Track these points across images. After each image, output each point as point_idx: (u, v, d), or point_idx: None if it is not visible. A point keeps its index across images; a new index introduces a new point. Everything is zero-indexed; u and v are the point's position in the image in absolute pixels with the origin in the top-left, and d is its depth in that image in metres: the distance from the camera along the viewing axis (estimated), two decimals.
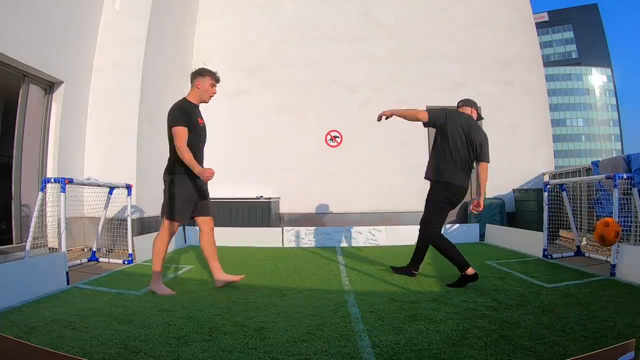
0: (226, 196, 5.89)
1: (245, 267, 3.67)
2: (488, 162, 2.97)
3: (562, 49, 62.83)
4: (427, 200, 3.05)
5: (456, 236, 5.23)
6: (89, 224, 4.74)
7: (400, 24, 6.58)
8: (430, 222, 3.00)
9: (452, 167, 2.88)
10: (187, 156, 2.58)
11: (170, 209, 2.69)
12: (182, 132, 2.63)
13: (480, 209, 2.93)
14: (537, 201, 5.28)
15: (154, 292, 2.66)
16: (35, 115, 4.53)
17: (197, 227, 2.92)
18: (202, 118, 2.84)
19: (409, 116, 3.02)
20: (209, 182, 2.76)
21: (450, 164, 2.89)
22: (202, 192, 2.82)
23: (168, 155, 2.76)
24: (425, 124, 3.05)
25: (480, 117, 3.23)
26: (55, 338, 1.82)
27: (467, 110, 3.11)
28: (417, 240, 3.19)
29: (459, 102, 3.21)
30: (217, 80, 2.84)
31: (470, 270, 2.77)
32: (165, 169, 2.76)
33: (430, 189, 3.05)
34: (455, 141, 2.88)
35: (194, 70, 2.85)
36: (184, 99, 2.82)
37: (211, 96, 2.85)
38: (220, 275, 2.84)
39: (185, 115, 2.68)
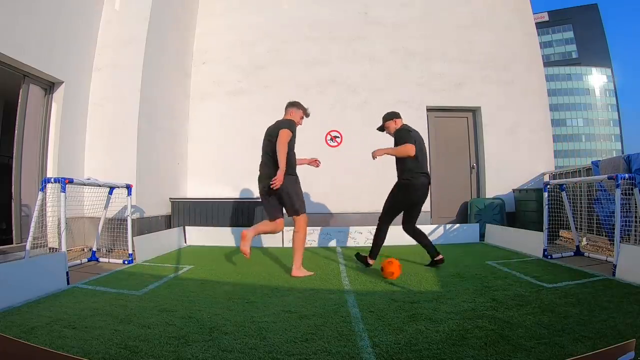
0: (226, 196, 5.90)
1: (246, 266, 3.68)
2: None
3: (562, 49, 62.84)
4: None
5: (456, 236, 5.25)
6: (89, 224, 4.74)
7: (400, 24, 6.56)
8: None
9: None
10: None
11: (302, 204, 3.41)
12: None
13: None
14: (537, 201, 5.28)
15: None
16: (35, 115, 4.53)
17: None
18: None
19: (400, 154, 3.40)
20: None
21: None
22: None
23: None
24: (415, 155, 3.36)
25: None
26: (55, 338, 1.82)
27: (399, 122, 3.63)
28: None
29: (391, 116, 3.68)
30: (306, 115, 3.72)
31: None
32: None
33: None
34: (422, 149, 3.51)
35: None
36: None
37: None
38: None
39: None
